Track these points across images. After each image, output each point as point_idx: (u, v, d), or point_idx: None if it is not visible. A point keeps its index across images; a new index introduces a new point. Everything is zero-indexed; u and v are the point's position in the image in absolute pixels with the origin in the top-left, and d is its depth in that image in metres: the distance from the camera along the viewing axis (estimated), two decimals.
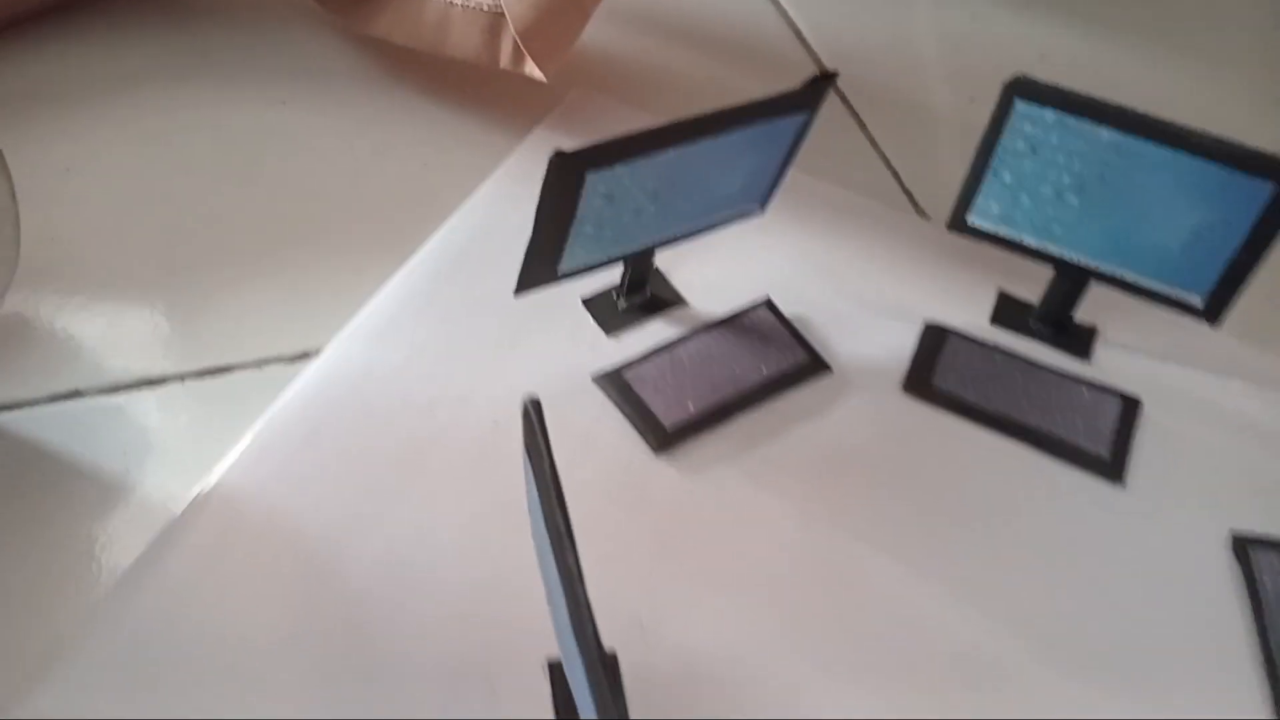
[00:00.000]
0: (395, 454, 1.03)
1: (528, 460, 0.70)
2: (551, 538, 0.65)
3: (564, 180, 0.89)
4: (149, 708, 0.85)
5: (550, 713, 0.88)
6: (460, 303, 1.18)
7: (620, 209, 0.98)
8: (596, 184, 0.92)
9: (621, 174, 0.92)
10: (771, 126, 1.00)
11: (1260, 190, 1.00)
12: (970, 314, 1.23)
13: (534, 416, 0.68)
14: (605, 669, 0.60)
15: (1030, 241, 1.13)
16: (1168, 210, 1.05)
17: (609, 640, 0.93)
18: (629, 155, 0.91)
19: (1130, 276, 1.11)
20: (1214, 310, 1.10)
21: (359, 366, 1.10)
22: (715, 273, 1.23)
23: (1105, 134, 1.03)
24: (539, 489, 0.67)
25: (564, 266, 1.02)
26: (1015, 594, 1.00)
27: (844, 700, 0.92)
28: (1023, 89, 1.05)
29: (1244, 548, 1.06)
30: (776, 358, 1.14)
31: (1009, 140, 1.07)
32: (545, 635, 0.87)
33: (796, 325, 1.18)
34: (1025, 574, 1.02)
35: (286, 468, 1.01)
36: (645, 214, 1.01)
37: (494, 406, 1.08)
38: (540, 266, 1.00)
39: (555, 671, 0.90)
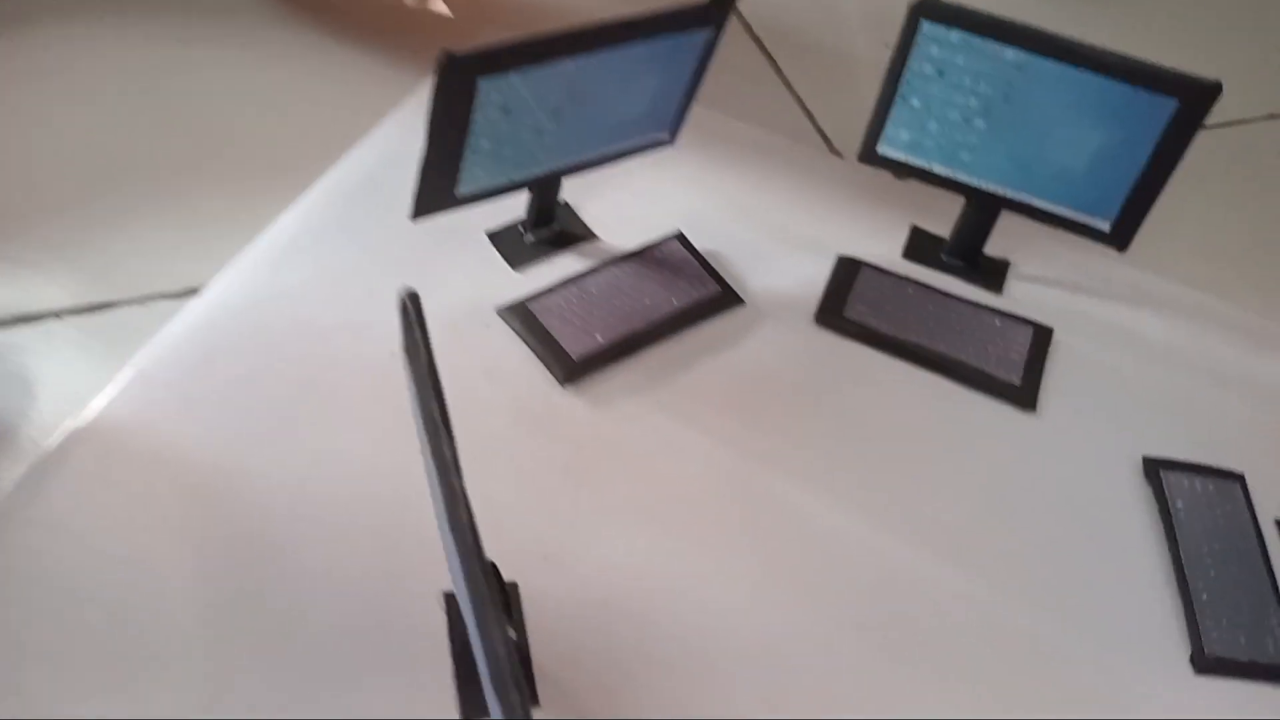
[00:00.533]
0: (289, 381, 0.98)
1: (406, 359, 0.67)
2: (428, 430, 0.61)
3: (455, 86, 0.86)
4: (33, 642, 0.80)
5: (446, 644, 0.84)
6: (361, 233, 1.13)
7: (519, 125, 0.94)
8: (490, 93, 0.88)
9: (517, 84, 0.89)
10: (674, 42, 0.97)
11: (1163, 107, 1.00)
12: (883, 249, 1.21)
13: (411, 310, 0.65)
14: (482, 564, 0.57)
15: (940, 169, 1.12)
16: (1073, 130, 1.04)
17: (512, 571, 0.90)
18: (524, 61, 0.88)
19: (1039, 203, 1.11)
20: (1122, 235, 1.10)
21: (251, 294, 1.05)
22: (626, 208, 1.20)
23: (1010, 53, 1.02)
24: (416, 384, 0.64)
25: (463, 189, 0.98)
26: (930, 517, 0.98)
27: (757, 621, 0.89)
28: (929, 10, 1.03)
29: (1155, 470, 1.06)
30: (688, 290, 1.11)
31: (916, 64, 1.06)
32: (442, 561, 0.84)
33: (709, 259, 1.15)
34: (939, 498, 1.00)
35: (172, 395, 0.96)
36: (547, 134, 0.98)
37: (393, 336, 1.04)
38: (437, 187, 0.97)
39: (451, 602, 0.86)
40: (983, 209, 1.15)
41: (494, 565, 0.74)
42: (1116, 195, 1.07)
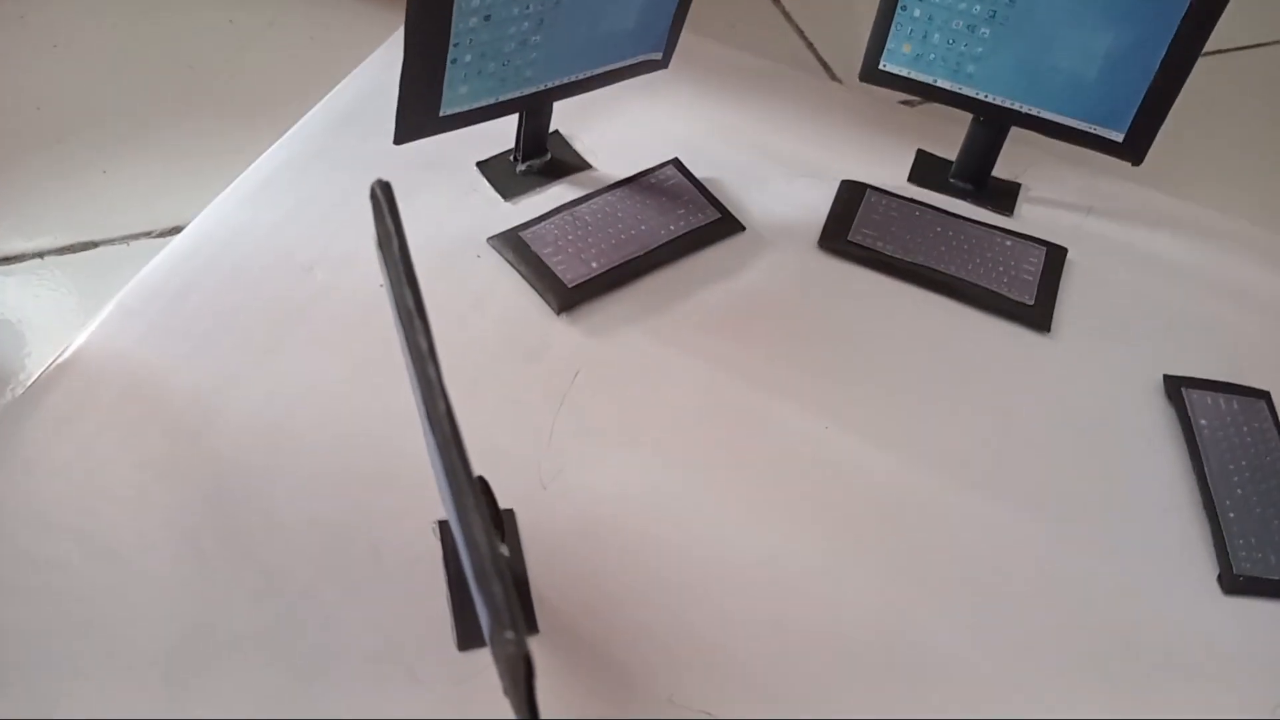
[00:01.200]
0: (273, 315, 0.95)
1: (379, 252, 0.63)
2: (403, 320, 0.58)
3: None
4: (7, 578, 0.77)
5: (441, 572, 0.81)
6: (345, 166, 1.09)
7: (501, 35, 0.90)
8: None
9: None
10: None
11: (1175, 7, 0.95)
12: (888, 174, 1.17)
13: (381, 197, 0.61)
14: (463, 455, 0.53)
15: (945, 84, 1.08)
16: (1082, 35, 1.00)
17: (509, 500, 0.86)
18: None
19: (1049, 115, 1.06)
20: (1136, 147, 1.05)
21: (233, 229, 1.01)
22: (620, 136, 1.16)
23: None
24: (390, 275, 0.60)
25: (446, 108, 0.94)
26: (943, 440, 0.94)
27: (761, 546, 0.85)
28: None
29: (1177, 389, 1.01)
30: (686, 216, 1.07)
31: None
32: (436, 497, 0.80)
33: (707, 185, 1.11)
34: (952, 421, 0.96)
35: (154, 330, 0.93)
36: (531, 46, 0.94)
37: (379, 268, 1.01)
38: (419, 106, 0.92)
39: (445, 530, 0.83)
40: (991, 124, 1.10)
41: (484, 480, 0.71)
42: (1129, 104, 1.02)
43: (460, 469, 0.52)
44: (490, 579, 0.48)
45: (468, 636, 0.77)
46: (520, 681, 0.50)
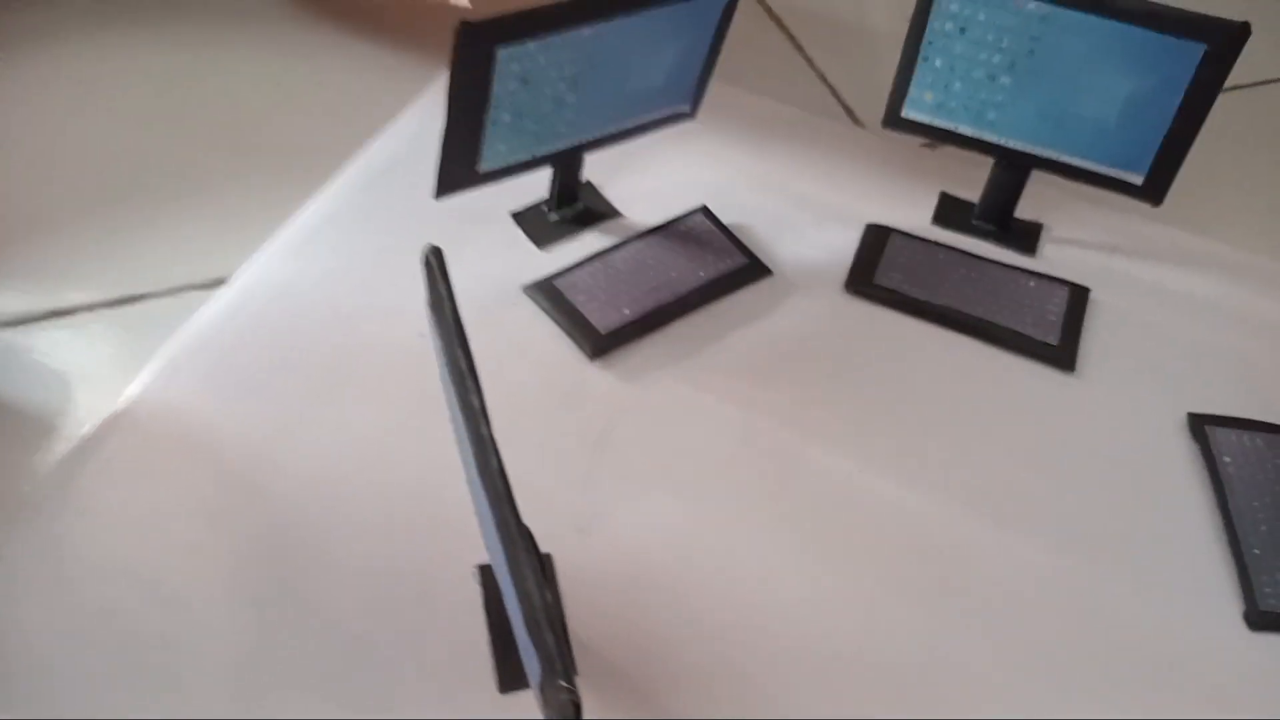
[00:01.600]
0: (318, 366, 0.99)
1: (431, 315, 0.66)
2: (454, 380, 0.61)
3: (473, 54, 0.85)
4: (70, 626, 0.81)
5: (482, 616, 0.83)
6: (385, 219, 1.13)
7: (538, 95, 0.94)
8: (509, 62, 0.88)
9: (535, 51, 0.89)
10: (690, 7, 0.97)
11: (1191, 52, 0.98)
12: (912, 217, 1.20)
13: (434, 264, 0.65)
14: (515, 512, 0.56)
15: (967, 130, 1.10)
16: (1100, 81, 1.02)
17: (547, 545, 0.89)
18: (542, 29, 0.87)
19: (1069, 159, 1.09)
20: (1155, 189, 1.07)
21: (279, 282, 1.06)
22: (649, 185, 1.19)
23: (1032, 6, 1.00)
24: (442, 337, 0.63)
25: (485, 164, 0.98)
26: (970, 481, 0.96)
27: (796, 588, 0.88)
28: None
29: (1201, 427, 1.03)
30: (714, 262, 1.10)
31: (937, 22, 1.05)
32: (476, 540, 0.83)
33: (734, 231, 1.14)
34: (980, 461, 0.98)
35: (202, 383, 0.97)
36: (567, 105, 0.98)
37: (421, 319, 1.04)
38: (459, 164, 0.96)
39: (486, 574, 0.86)
40: (1012, 168, 1.13)
41: (529, 530, 0.73)
42: (1148, 147, 1.05)
43: (512, 523, 0.55)
44: (543, 629, 0.51)
45: (509, 679, 0.79)
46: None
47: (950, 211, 1.20)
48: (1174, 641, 0.87)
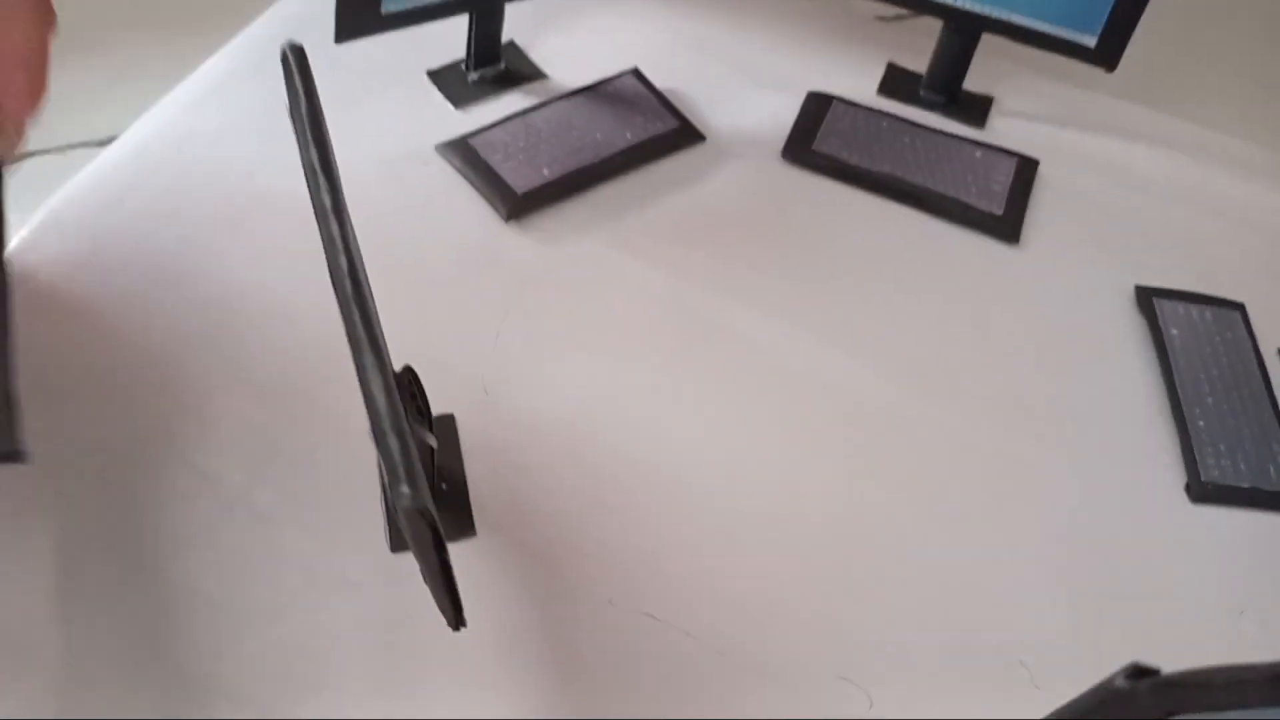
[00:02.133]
0: (211, 219, 0.91)
1: (291, 118, 0.59)
2: (309, 180, 0.54)
3: None
4: None
5: (376, 476, 0.78)
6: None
7: None
8: None
9: None
10: None
11: None
12: (857, 87, 1.13)
13: (293, 61, 0.57)
14: (370, 333, 0.50)
15: None
16: None
17: (451, 406, 0.83)
18: None
19: (1019, 19, 1.02)
20: (1108, 52, 1.01)
21: (173, 138, 0.98)
22: (578, 47, 1.12)
23: None
24: (298, 137, 0.56)
25: (389, 4, 0.90)
26: (909, 351, 0.91)
27: (717, 454, 0.82)
28: None
29: (1148, 299, 0.98)
30: (644, 125, 1.03)
31: None
32: None
33: (667, 96, 1.07)
34: (919, 332, 0.92)
35: (84, 236, 0.89)
36: None
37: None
38: (360, 3, 0.88)
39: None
40: (961, 32, 1.06)
41: (411, 370, 0.67)
42: (1100, 7, 0.98)
43: (360, 326, 0.49)
44: (386, 436, 0.45)
45: (400, 538, 0.74)
46: (426, 542, 0.47)
47: (897, 83, 1.14)
48: (1115, 512, 0.83)
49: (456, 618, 0.59)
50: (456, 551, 0.74)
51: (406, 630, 0.70)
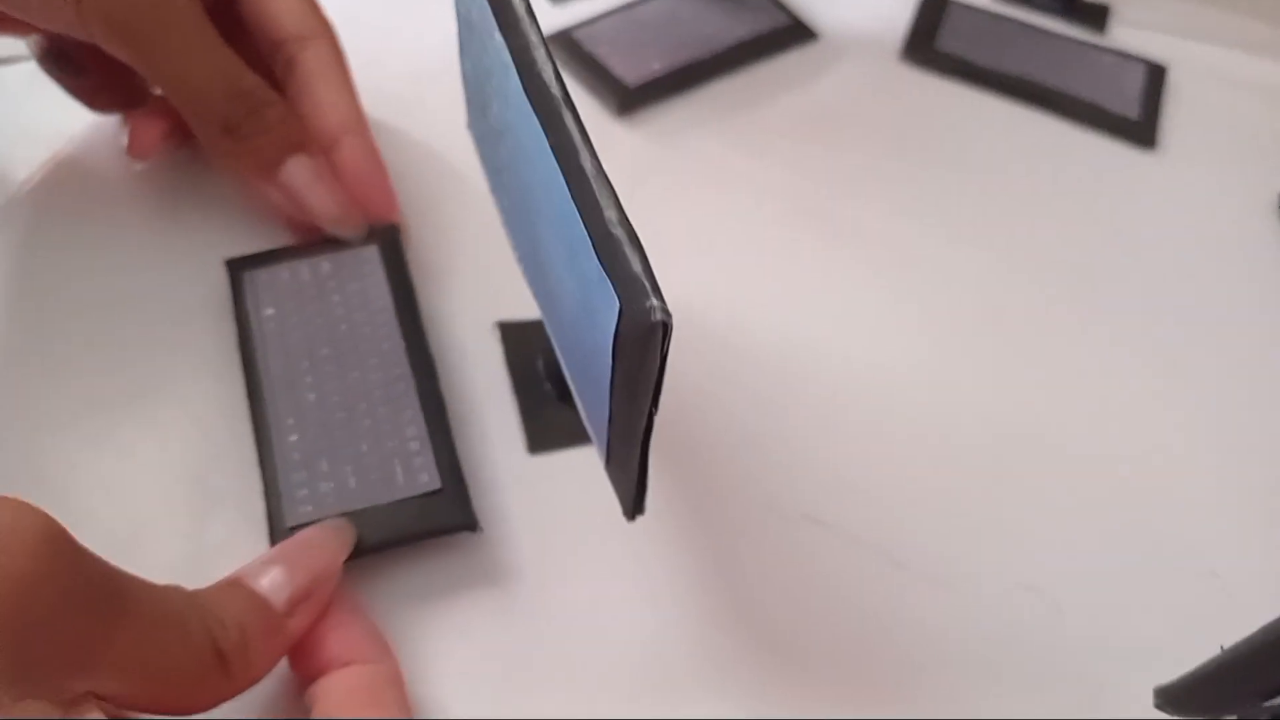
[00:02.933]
0: None
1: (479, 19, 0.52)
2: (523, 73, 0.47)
3: None
4: None
5: (505, 374, 0.71)
6: None
7: None
8: None
9: None
10: None
11: None
12: None
13: None
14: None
15: None
16: None
17: None
18: None
19: None
20: None
21: None
22: None
23: None
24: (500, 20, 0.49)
25: None
26: (1043, 255, 0.84)
27: (853, 347, 0.76)
28: None
29: None
30: (753, 21, 0.96)
31: None
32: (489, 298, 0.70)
33: None
34: (1052, 236, 0.86)
35: None
36: None
37: (411, 59, 0.90)
38: None
39: (508, 331, 0.73)
40: None
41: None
42: None
43: (576, 131, 0.42)
44: (622, 244, 0.39)
45: (540, 438, 0.67)
46: (648, 382, 0.41)
47: None
48: (1261, 419, 0.77)
49: (638, 501, 0.53)
50: (583, 456, 0.68)
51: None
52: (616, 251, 0.40)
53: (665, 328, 0.39)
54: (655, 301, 0.38)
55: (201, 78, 0.65)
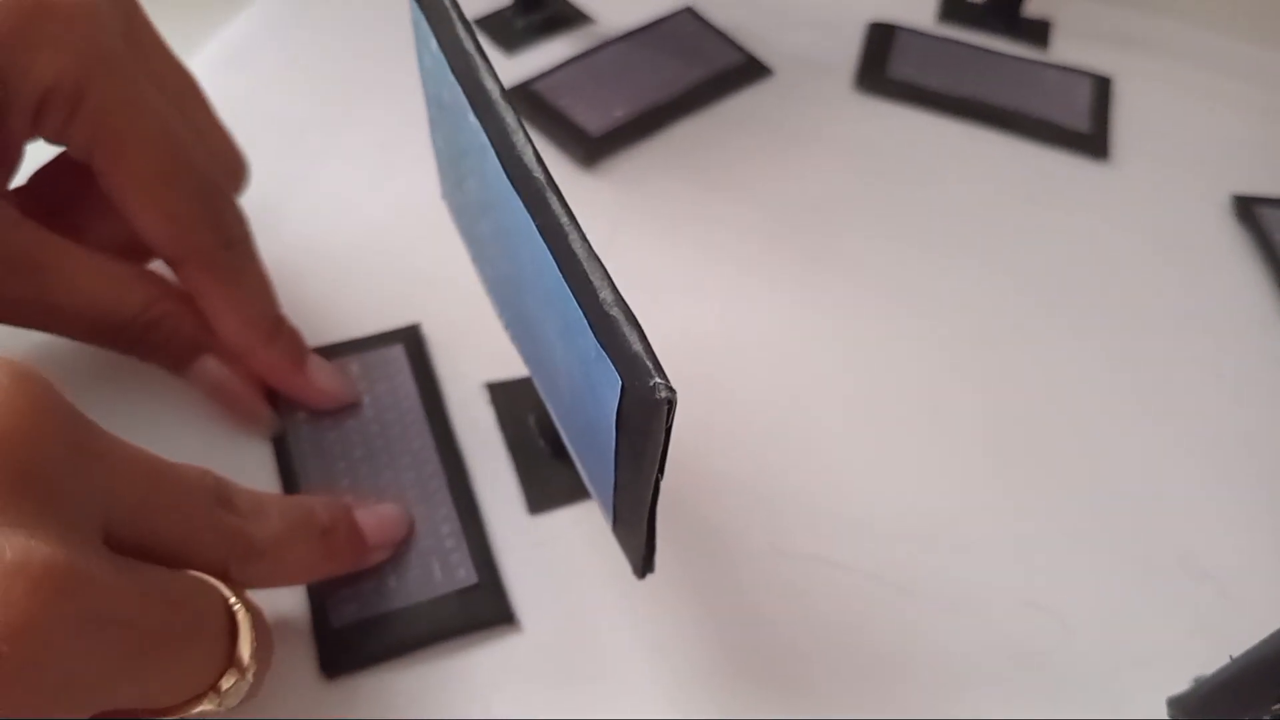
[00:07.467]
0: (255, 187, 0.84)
1: (435, 62, 0.52)
2: (474, 105, 0.47)
3: None
4: None
5: (498, 436, 0.71)
6: (333, 23, 0.99)
7: None
8: None
9: None
10: None
11: None
12: (914, 16, 1.09)
13: None
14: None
15: None
16: None
17: None
18: None
19: None
20: None
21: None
22: None
23: None
24: (449, 57, 0.49)
25: None
26: (1007, 270, 0.86)
27: (850, 376, 0.77)
28: None
29: (1248, 208, 0.95)
30: (708, 61, 0.98)
31: None
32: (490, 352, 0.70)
33: (725, 32, 1.02)
34: (1016, 251, 0.88)
35: None
36: None
37: (375, 129, 0.90)
38: None
39: (497, 392, 0.73)
40: None
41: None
42: None
43: (563, 212, 0.42)
44: (619, 325, 0.39)
45: (539, 498, 0.67)
46: (654, 453, 0.41)
47: (956, 7, 1.09)
48: (1232, 419, 0.79)
49: (647, 560, 0.53)
50: (583, 512, 0.68)
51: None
52: (615, 331, 0.40)
53: (670, 404, 0.39)
54: (659, 379, 0.39)
55: (90, 312, 0.57)
